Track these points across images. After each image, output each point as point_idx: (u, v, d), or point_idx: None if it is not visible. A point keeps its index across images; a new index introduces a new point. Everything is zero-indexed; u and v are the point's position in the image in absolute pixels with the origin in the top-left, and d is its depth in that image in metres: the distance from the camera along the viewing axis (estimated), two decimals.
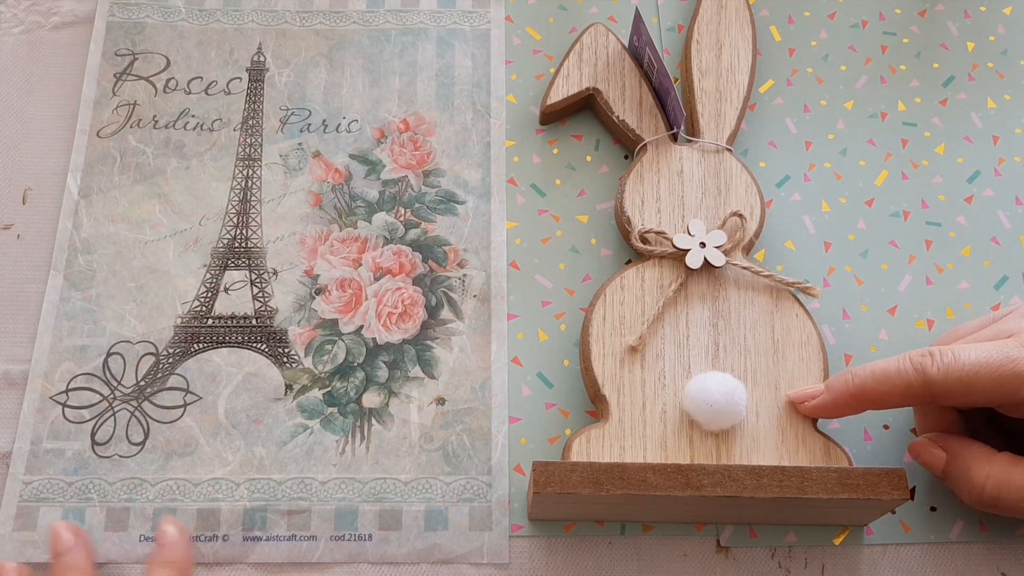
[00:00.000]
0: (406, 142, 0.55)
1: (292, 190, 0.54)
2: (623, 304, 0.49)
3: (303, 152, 0.55)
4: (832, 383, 0.45)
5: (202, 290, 0.52)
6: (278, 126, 0.55)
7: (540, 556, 0.46)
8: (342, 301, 0.51)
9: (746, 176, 0.52)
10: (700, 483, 0.42)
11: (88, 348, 0.50)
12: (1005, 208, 0.55)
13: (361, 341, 0.50)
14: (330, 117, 0.56)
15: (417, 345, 0.50)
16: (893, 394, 0.43)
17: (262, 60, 0.57)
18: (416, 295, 0.51)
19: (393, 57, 0.57)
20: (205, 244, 0.53)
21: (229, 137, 0.55)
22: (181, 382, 0.49)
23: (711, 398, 0.45)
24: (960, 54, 0.59)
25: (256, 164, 0.54)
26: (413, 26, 0.58)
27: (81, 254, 0.52)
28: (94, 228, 0.53)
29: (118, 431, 0.48)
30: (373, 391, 0.49)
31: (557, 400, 0.50)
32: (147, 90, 0.56)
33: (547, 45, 0.58)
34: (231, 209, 0.53)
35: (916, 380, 0.42)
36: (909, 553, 0.47)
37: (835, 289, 0.52)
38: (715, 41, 0.55)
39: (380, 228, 0.53)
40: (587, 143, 0.56)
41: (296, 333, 0.51)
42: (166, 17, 0.58)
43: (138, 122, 0.55)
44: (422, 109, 0.56)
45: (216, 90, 0.56)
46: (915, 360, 0.43)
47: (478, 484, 0.48)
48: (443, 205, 0.54)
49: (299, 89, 0.56)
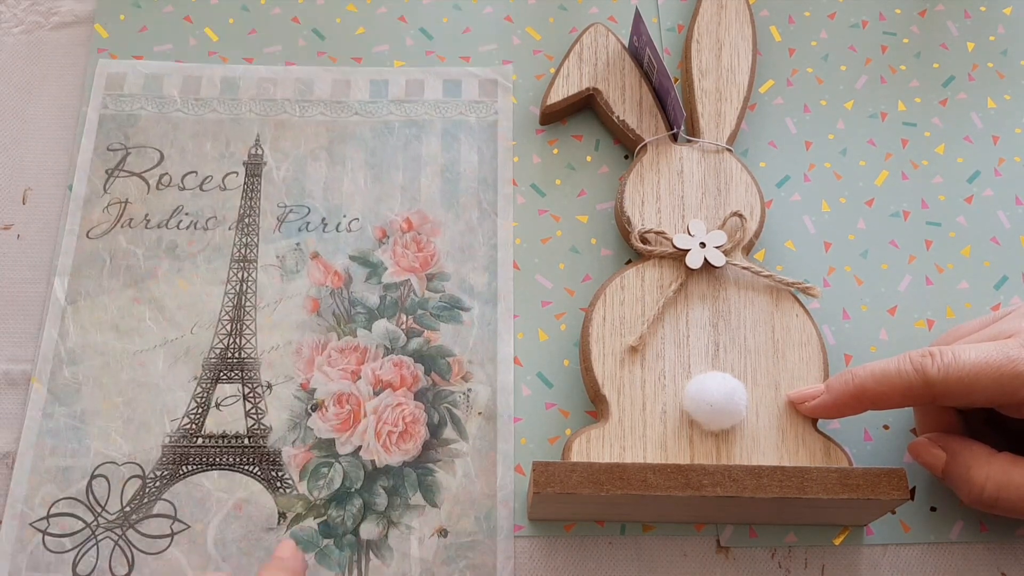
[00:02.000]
0: (409, 242, 0.52)
1: (289, 295, 0.51)
2: (623, 304, 0.49)
3: (301, 253, 0.52)
4: (832, 383, 0.45)
5: (192, 405, 0.49)
6: (275, 224, 0.53)
7: (540, 556, 0.46)
8: (339, 418, 0.48)
9: (746, 176, 0.52)
10: (700, 483, 0.42)
11: (71, 469, 0.47)
12: (1005, 208, 0.55)
13: (359, 464, 0.48)
14: (330, 215, 0.53)
15: (418, 468, 0.47)
16: (893, 394, 0.43)
17: (260, 153, 0.54)
18: (417, 412, 0.49)
19: (396, 151, 0.55)
20: (196, 354, 0.50)
21: (224, 236, 0.52)
22: (168, 508, 0.46)
23: (711, 398, 0.45)
24: (960, 54, 0.59)
25: (252, 266, 0.52)
26: (417, 118, 0.55)
27: (67, 365, 0.49)
28: (81, 337, 0.50)
29: (101, 562, 0.45)
30: (371, 521, 0.46)
31: (557, 400, 0.50)
32: (139, 187, 0.53)
33: (547, 45, 0.58)
34: (224, 316, 0.51)
35: (916, 380, 0.42)
36: (909, 553, 0.47)
37: (835, 289, 0.52)
38: (715, 41, 0.55)
39: (380, 337, 0.50)
40: (587, 143, 0.56)
41: (291, 455, 0.48)
42: (160, 108, 0.55)
43: (129, 221, 0.52)
44: (426, 207, 0.53)
45: (211, 185, 0.53)
46: (915, 360, 0.42)
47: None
48: (447, 312, 0.51)
49: (298, 184, 0.54)
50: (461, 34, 0.59)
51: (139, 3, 0.59)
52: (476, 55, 0.58)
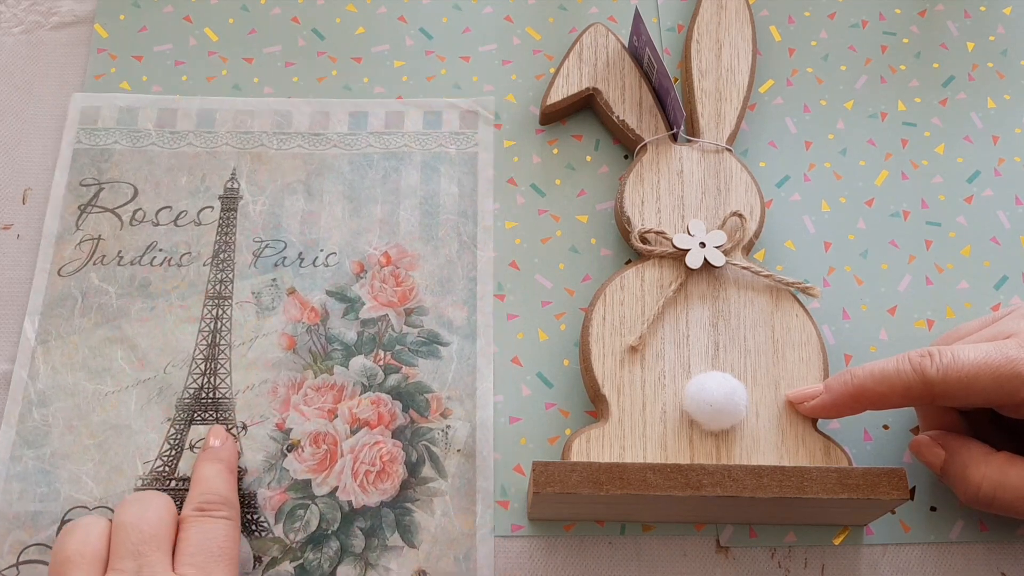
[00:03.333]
0: (387, 277, 0.51)
1: (264, 332, 0.50)
2: (623, 304, 0.49)
3: (277, 289, 0.51)
4: (831, 383, 0.45)
5: (165, 448, 0.47)
6: (251, 260, 0.52)
7: (540, 556, 0.46)
8: (316, 459, 0.47)
9: (746, 176, 0.52)
10: (700, 483, 0.42)
11: (41, 514, 0.46)
12: (1005, 208, 0.55)
13: (336, 505, 0.46)
14: (307, 249, 0.52)
15: (396, 508, 0.46)
16: (892, 394, 0.43)
17: (236, 187, 0.53)
18: (395, 450, 0.48)
19: (375, 183, 0.54)
20: (170, 395, 0.48)
21: (198, 273, 0.51)
22: None
23: (711, 398, 0.45)
24: (960, 54, 0.59)
25: (227, 303, 0.51)
26: (397, 150, 0.54)
27: (36, 407, 0.48)
28: (51, 378, 0.48)
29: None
30: (348, 563, 0.45)
31: (557, 400, 0.50)
32: (112, 223, 0.52)
33: (547, 45, 0.58)
34: (198, 355, 0.49)
35: (915, 380, 0.42)
36: (909, 553, 0.47)
37: (835, 289, 0.52)
38: (715, 41, 0.55)
39: (358, 374, 0.49)
40: (587, 143, 0.56)
41: (266, 496, 0.47)
42: (135, 142, 0.54)
43: (102, 258, 0.51)
44: (405, 240, 0.52)
45: (186, 220, 0.52)
46: (914, 360, 0.43)
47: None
48: (426, 347, 0.50)
49: (274, 218, 0.53)
50: (461, 34, 0.59)
51: (139, 3, 0.59)
52: (476, 55, 0.58)
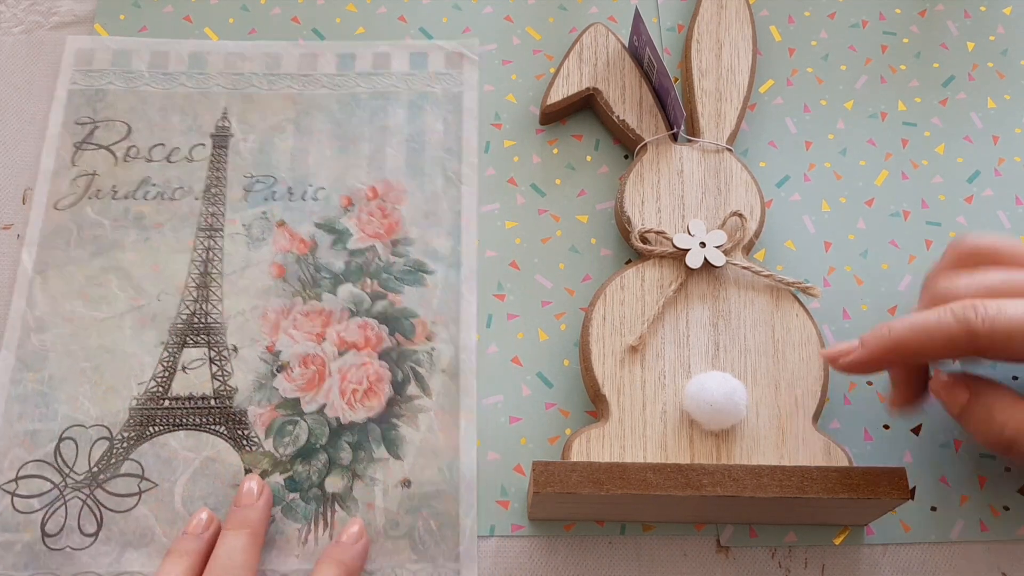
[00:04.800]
0: (374, 210, 0.53)
1: (255, 261, 0.52)
2: (623, 304, 0.49)
3: (267, 222, 0.53)
4: (867, 338, 0.43)
5: (159, 369, 0.49)
6: (242, 195, 0.53)
7: (540, 556, 0.46)
8: (304, 378, 0.49)
9: (746, 176, 0.52)
10: (700, 483, 0.42)
11: (39, 433, 0.48)
12: (1005, 208, 0.55)
13: (324, 421, 0.48)
14: (296, 185, 0.54)
15: (382, 424, 0.48)
16: (932, 347, 0.41)
17: (227, 126, 0.55)
18: (382, 370, 0.49)
19: (363, 122, 0.55)
20: (163, 320, 0.50)
21: (191, 207, 0.53)
22: (136, 468, 0.47)
23: (711, 398, 0.45)
24: (960, 54, 0.59)
25: (218, 235, 0.52)
26: (384, 90, 0.56)
27: (34, 333, 0.49)
28: (49, 305, 0.50)
29: (70, 521, 0.46)
30: (336, 474, 0.47)
31: (557, 400, 0.50)
32: (107, 159, 0.54)
33: (547, 45, 0.58)
34: (191, 283, 0.51)
35: (959, 332, 0.40)
36: (909, 553, 0.47)
37: (835, 289, 0.52)
38: (715, 41, 0.55)
39: (346, 300, 0.51)
40: (587, 143, 0.56)
41: (256, 414, 0.48)
42: (128, 83, 0.55)
43: (97, 193, 0.53)
44: (391, 176, 0.54)
45: (178, 157, 0.54)
46: (957, 312, 0.40)
47: (445, 572, 0.46)
48: (411, 275, 0.52)
49: (264, 156, 0.54)
50: (461, 34, 0.59)
51: (139, 3, 0.59)
52: (476, 55, 0.58)
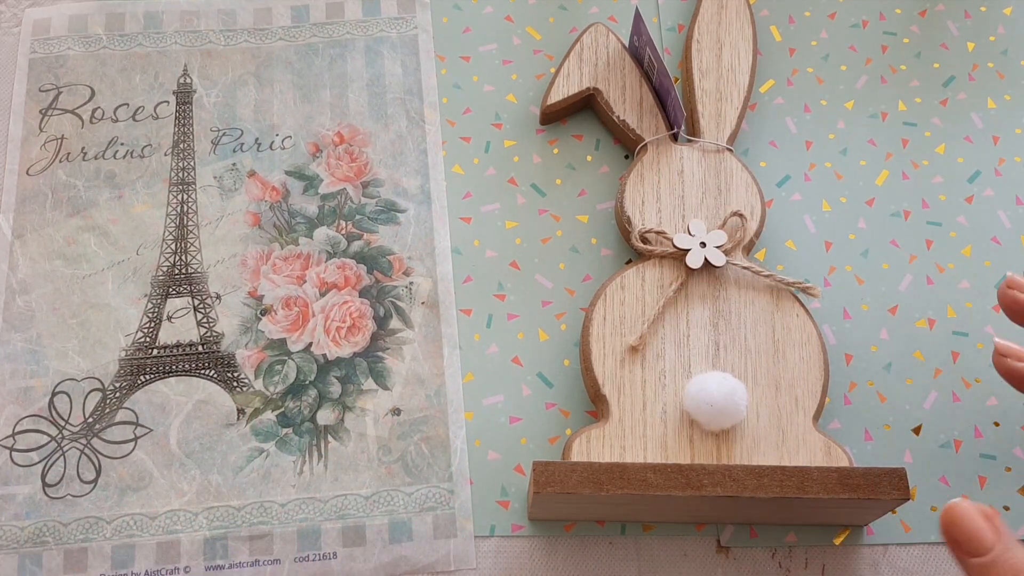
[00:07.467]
0: (342, 155, 0.54)
1: (229, 212, 0.53)
2: (623, 304, 0.49)
3: (238, 172, 0.54)
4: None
5: (144, 320, 0.50)
6: (210, 148, 0.54)
7: (540, 556, 0.46)
8: (289, 320, 0.51)
9: (746, 176, 0.52)
10: (700, 483, 0.42)
11: (32, 389, 0.49)
12: (1005, 208, 0.55)
13: (311, 359, 0.50)
14: (263, 135, 0.55)
15: (368, 357, 0.50)
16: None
17: (188, 82, 0.56)
18: (364, 307, 0.51)
19: (322, 70, 0.56)
20: (144, 274, 0.51)
21: (160, 163, 0.54)
22: (130, 416, 0.48)
23: (711, 398, 0.45)
24: (960, 54, 0.59)
25: (190, 188, 0.53)
26: (340, 38, 0.57)
27: (19, 295, 0.51)
28: (30, 268, 0.51)
29: (69, 471, 0.47)
30: (327, 408, 0.49)
31: (557, 400, 0.50)
32: (74, 123, 0.55)
33: (547, 45, 0.58)
34: (168, 236, 0.52)
35: None
36: (909, 553, 0.47)
37: (836, 289, 0.52)
38: (715, 41, 0.55)
39: (322, 243, 0.52)
40: (587, 143, 0.56)
41: (244, 356, 0.50)
42: (87, 47, 0.56)
43: (67, 156, 0.54)
44: (355, 120, 0.55)
45: (144, 115, 0.55)
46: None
47: (440, 492, 0.47)
48: (384, 215, 0.53)
49: (229, 109, 0.55)
50: (461, 34, 0.58)
51: None
52: (476, 55, 0.58)
